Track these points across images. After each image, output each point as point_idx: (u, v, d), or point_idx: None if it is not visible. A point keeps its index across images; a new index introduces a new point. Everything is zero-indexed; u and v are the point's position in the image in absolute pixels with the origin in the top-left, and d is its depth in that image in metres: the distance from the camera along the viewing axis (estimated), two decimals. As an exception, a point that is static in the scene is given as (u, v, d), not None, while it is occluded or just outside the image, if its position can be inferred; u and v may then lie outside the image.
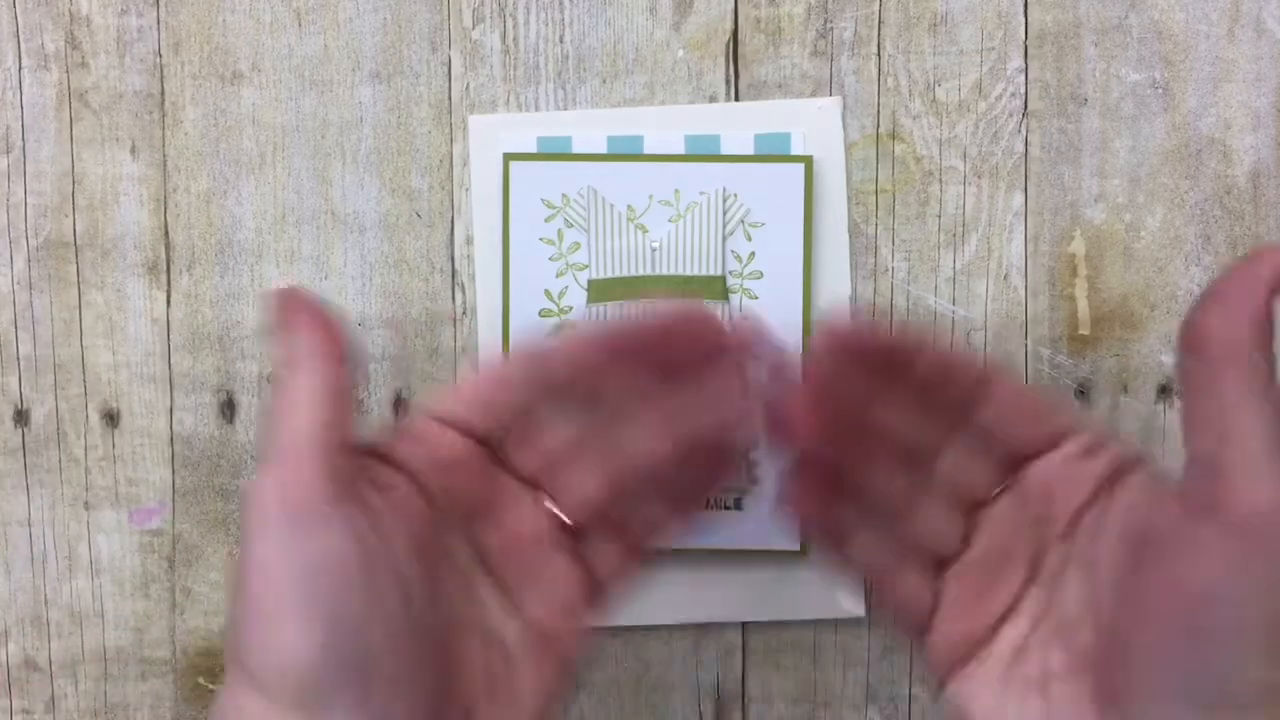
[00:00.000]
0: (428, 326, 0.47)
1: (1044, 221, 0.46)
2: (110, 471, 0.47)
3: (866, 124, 0.46)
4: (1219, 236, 0.46)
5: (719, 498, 0.46)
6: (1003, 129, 0.46)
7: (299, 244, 0.47)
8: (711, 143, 0.46)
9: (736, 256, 0.46)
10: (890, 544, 0.34)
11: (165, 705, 0.47)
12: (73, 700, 0.47)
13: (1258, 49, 0.45)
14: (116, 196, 0.47)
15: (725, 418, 0.34)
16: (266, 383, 0.47)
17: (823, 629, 0.47)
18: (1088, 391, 0.46)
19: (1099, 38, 0.46)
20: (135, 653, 0.47)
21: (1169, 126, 0.46)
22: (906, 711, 0.47)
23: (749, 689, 0.47)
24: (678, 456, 0.33)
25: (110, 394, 0.47)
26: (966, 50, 0.46)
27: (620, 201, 0.45)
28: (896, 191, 0.46)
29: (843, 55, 0.46)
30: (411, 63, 0.46)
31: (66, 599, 0.47)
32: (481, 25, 0.46)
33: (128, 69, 0.46)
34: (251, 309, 0.47)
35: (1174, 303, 0.46)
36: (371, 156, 0.46)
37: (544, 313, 0.46)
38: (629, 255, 0.45)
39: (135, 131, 0.46)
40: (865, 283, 0.46)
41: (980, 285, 0.46)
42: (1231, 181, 0.46)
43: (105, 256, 0.47)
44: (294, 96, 0.46)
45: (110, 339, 0.47)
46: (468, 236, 0.46)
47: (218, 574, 0.47)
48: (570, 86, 0.46)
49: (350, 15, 0.46)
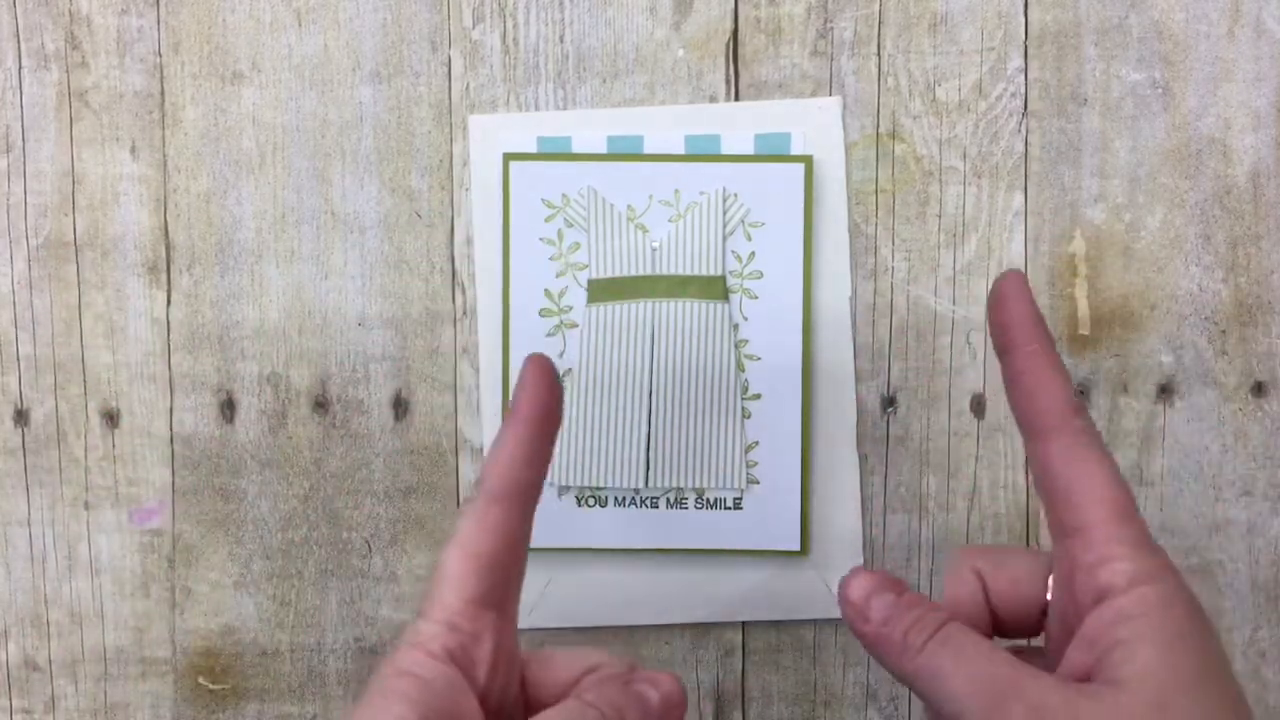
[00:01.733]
0: (428, 326, 0.47)
1: (1044, 221, 0.46)
2: (110, 471, 0.47)
3: (866, 124, 0.46)
4: (1219, 236, 0.46)
5: (719, 498, 0.46)
6: (1003, 129, 0.46)
7: (299, 244, 0.47)
8: (711, 143, 0.46)
9: (736, 256, 0.46)
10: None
11: (165, 705, 0.47)
12: (73, 700, 0.47)
13: (1258, 49, 0.45)
14: (116, 196, 0.47)
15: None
16: (266, 383, 0.47)
17: (823, 629, 0.47)
18: (1088, 391, 0.46)
19: (1099, 38, 0.46)
20: (135, 653, 0.47)
21: (1169, 126, 0.46)
22: (906, 712, 0.47)
23: (749, 689, 0.47)
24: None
25: (110, 394, 0.47)
26: (966, 50, 0.46)
27: (620, 201, 0.45)
28: (896, 191, 0.46)
29: (843, 55, 0.46)
30: (411, 63, 0.46)
31: (66, 599, 0.47)
32: (481, 25, 0.46)
33: (128, 69, 0.46)
34: (251, 309, 0.47)
35: (1174, 303, 0.46)
36: (371, 156, 0.46)
37: (544, 312, 0.46)
38: (629, 255, 0.45)
39: (135, 131, 0.46)
40: (865, 283, 0.46)
41: (980, 285, 0.46)
42: (1231, 181, 0.46)
43: (105, 256, 0.47)
44: (294, 96, 0.46)
45: (110, 339, 0.47)
46: (468, 236, 0.46)
47: (218, 574, 0.47)
48: (570, 86, 0.46)
49: (350, 15, 0.46)
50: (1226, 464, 0.46)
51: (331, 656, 0.47)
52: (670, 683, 0.33)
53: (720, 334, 0.45)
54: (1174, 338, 0.46)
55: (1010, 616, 0.34)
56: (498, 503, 0.32)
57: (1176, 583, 0.30)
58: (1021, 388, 0.33)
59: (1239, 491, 0.46)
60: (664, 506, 0.46)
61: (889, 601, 0.33)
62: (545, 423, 0.33)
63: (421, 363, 0.47)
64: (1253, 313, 0.46)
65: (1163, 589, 0.30)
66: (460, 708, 0.31)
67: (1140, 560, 0.30)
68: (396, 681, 0.30)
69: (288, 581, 0.47)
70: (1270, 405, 0.46)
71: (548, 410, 0.34)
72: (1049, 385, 0.33)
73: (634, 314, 0.45)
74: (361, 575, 0.47)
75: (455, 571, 0.32)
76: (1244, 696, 0.30)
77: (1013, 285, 0.34)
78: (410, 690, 0.30)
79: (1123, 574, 0.30)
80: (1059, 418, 0.32)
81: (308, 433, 0.47)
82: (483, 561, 0.32)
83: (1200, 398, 0.46)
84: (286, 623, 0.47)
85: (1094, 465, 0.31)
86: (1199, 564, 0.46)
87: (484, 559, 0.32)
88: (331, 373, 0.47)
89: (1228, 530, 0.46)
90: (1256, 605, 0.46)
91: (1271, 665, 0.46)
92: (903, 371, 0.46)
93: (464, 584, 0.31)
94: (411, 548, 0.47)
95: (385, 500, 0.47)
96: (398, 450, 0.47)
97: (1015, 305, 0.34)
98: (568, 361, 0.46)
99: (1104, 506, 0.31)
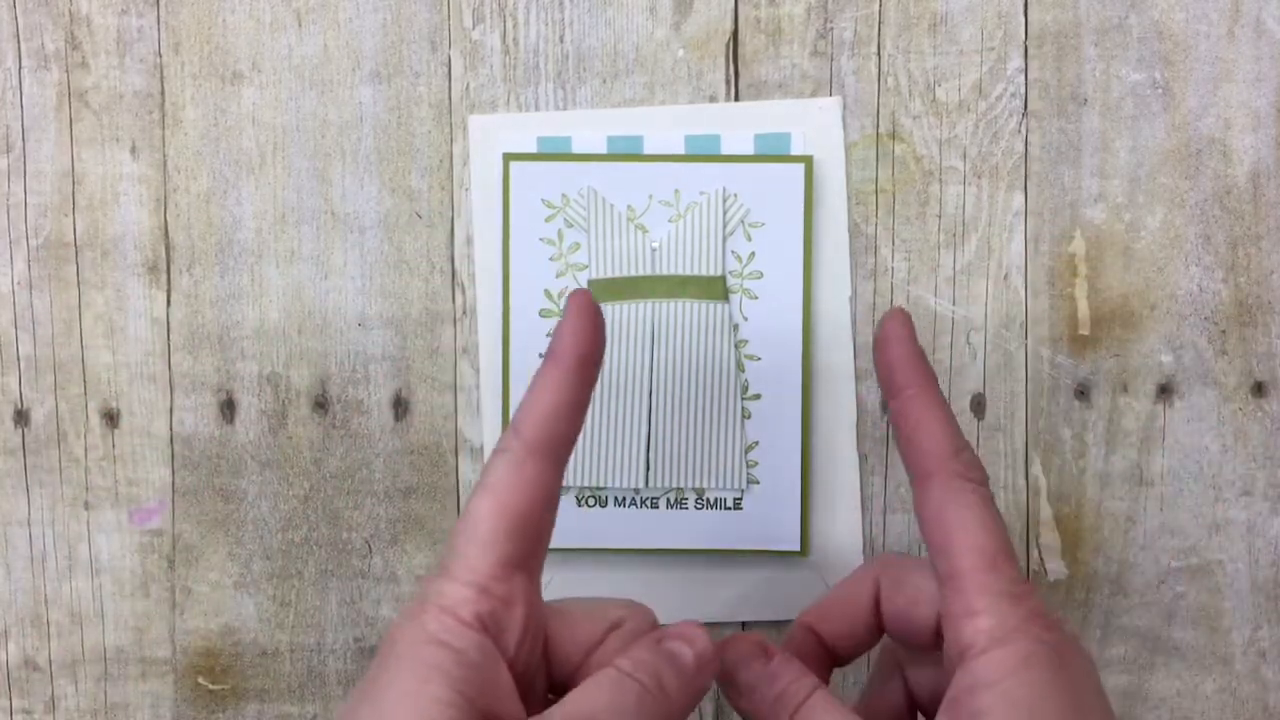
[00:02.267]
0: (428, 326, 0.47)
1: (1044, 221, 0.46)
2: (110, 471, 0.47)
3: (866, 124, 0.46)
4: (1219, 236, 0.46)
5: (719, 498, 0.46)
6: (1003, 129, 0.46)
7: (299, 244, 0.47)
8: (711, 143, 0.46)
9: (736, 256, 0.46)
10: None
11: (165, 705, 0.47)
12: (73, 700, 0.47)
13: (1258, 49, 0.45)
14: (116, 196, 0.47)
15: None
16: (266, 383, 0.47)
17: (823, 629, 0.47)
18: (1087, 391, 0.46)
19: (1099, 38, 0.46)
20: (135, 653, 0.47)
21: (1169, 126, 0.46)
22: (906, 711, 0.47)
23: (749, 689, 0.47)
24: None
25: (110, 394, 0.47)
26: (966, 50, 0.46)
27: (620, 201, 0.45)
28: (896, 191, 0.46)
29: (843, 55, 0.46)
30: (411, 63, 0.46)
31: (66, 599, 0.47)
32: (481, 25, 0.46)
33: (128, 69, 0.46)
34: (251, 309, 0.47)
35: (1174, 303, 0.46)
36: (371, 156, 0.46)
37: (544, 313, 0.46)
38: (629, 255, 0.45)
39: (135, 131, 0.46)
40: (865, 283, 0.46)
41: (980, 285, 0.46)
42: (1231, 181, 0.46)
43: (105, 256, 0.47)
44: (294, 96, 0.46)
45: (110, 339, 0.47)
46: (468, 236, 0.46)
47: (218, 574, 0.47)
48: (570, 86, 0.46)
49: (350, 15, 0.46)
50: (1226, 464, 0.46)
51: (331, 657, 0.47)
52: (703, 639, 0.32)
53: (720, 334, 0.45)
54: (1174, 338, 0.46)
55: (901, 634, 0.34)
56: (535, 455, 0.30)
57: (1037, 636, 0.30)
58: (902, 431, 0.33)
59: (1239, 491, 0.46)
60: (664, 506, 0.46)
61: (755, 673, 0.32)
62: (588, 367, 0.31)
63: (421, 363, 0.47)
64: (1253, 313, 0.46)
65: (1019, 649, 0.29)
66: (496, 681, 0.29)
67: (1001, 614, 0.30)
68: (428, 651, 0.28)
69: (288, 582, 0.47)
70: (1270, 405, 0.46)
71: (592, 352, 0.31)
72: (928, 427, 0.32)
73: (634, 314, 0.45)
74: (362, 575, 0.47)
75: (488, 529, 0.29)
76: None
77: (893, 327, 0.34)
78: (445, 663, 0.28)
79: (983, 632, 0.30)
80: (937, 460, 0.32)
81: (308, 433, 0.47)
82: (517, 520, 0.29)
83: (1200, 398, 0.46)
84: (286, 623, 0.47)
85: (966, 510, 0.31)
86: (1199, 564, 0.46)
87: (518, 517, 0.30)
88: (331, 373, 0.47)
89: (1228, 530, 0.46)
90: (1256, 605, 0.46)
91: (1271, 665, 0.46)
92: (903, 371, 0.46)
93: (496, 544, 0.29)
94: (412, 548, 0.47)
95: (385, 500, 0.47)
96: (398, 450, 0.47)
97: (895, 348, 0.33)
98: (568, 361, 0.46)
99: (972, 554, 0.30)
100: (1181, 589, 0.46)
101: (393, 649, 0.29)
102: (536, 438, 0.30)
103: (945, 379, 0.46)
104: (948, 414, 0.33)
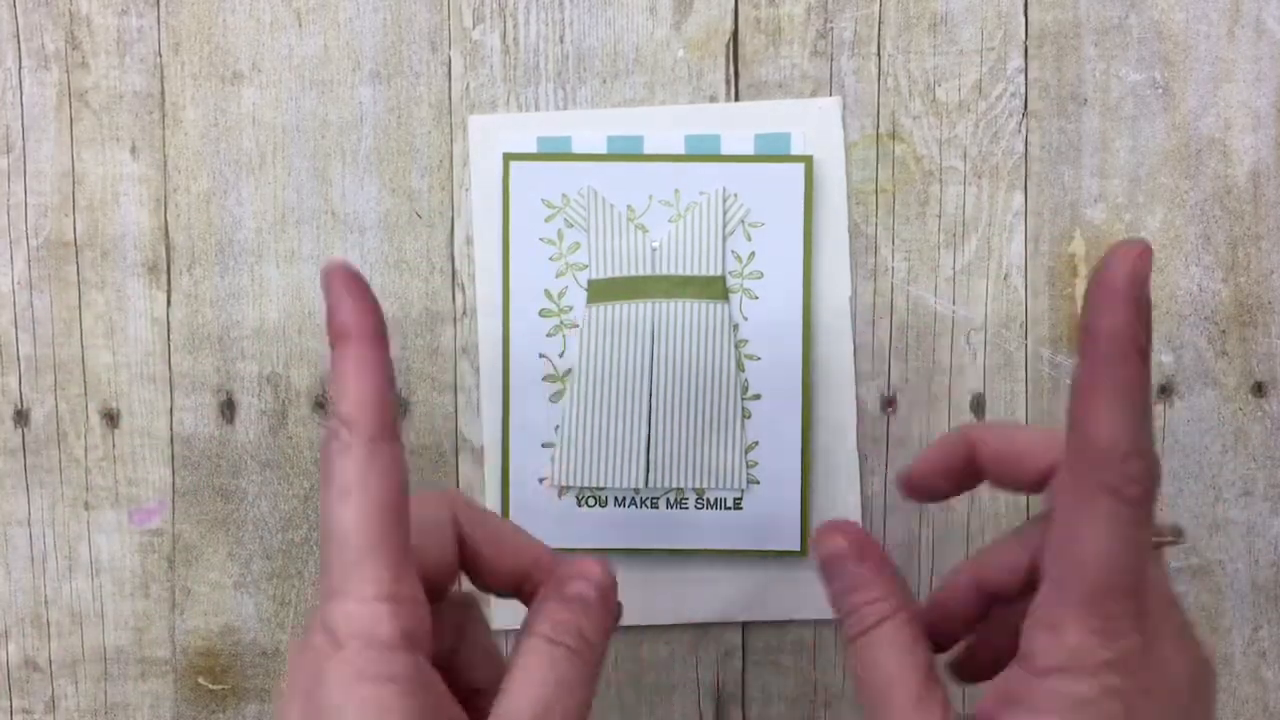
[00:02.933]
0: (428, 326, 0.47)
1: (1044, 221, 0.46)
2: (110, 471, 0.47)
3: (866, 124, 0.46)
4: (1219, 236, 0.46)
5: (719, 498, 0.46)
6: (1003, 129, 0.46)
7: (299, 244, 0.47)
8: (711, 143, 0.46)
9: (736, 256, 0.46)
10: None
11: (165, 705, 0.47)
12: (73, 700, 0.47)
13: (1258, 49, 0.45)
14: (116, 196, 0.47)
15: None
16: (266, 383, 0.47)
17: (823, 629, 0.47)
18: (1088, 391, 0.46)
19: (1099, 38, 0.46)
20: (135, 653, 0.47)
21: (1169, 126, 0.46)
22: (906, 711, 0.47)
23: (749, 689, 0.47)
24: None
25: (110, 394, 0.47)
26: (966, 50, 0.46)
27: (620, 201, 0.46)
28: (896, 191, 0.46)
29: (843, 55, 0.46)
30: (411, 63, 0.46)
31: (66, 599, 0.47)
32: (481, 25, 0.46)
33: (128, 69, 0.46)
34: (251, 309, 0.47)
35: (1174, 303, 0.46)
36: (371, 156, 0.46)
37: (544, 313, 0.46)
38: (629, 255, 0.46)
39: (135, 131, 0.46)
40: (865, 283, 0.46)
41: (980, 285, 0.46)
42: (1231, 181, 0.46)
43: (105, 256, 0.47)
44: (294, 96, 0.46)
45: (110, 339, 0.47)
46: (468, 236, 0.46)
47: (218, 574, 0.47)
48: (570, 86, 0.46)
49: (350, 15, 0.46)
50: (1226, 464, 0.46)
51: (331, 656, 0.47)
52: (597, 570, 0.31)
53: (720, 334, 0.45)
54: (1174, 338, 0.46)
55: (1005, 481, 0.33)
56: (379, 441, 0.28)
57: (1104, 684, 0.27)
58: (1074, 412, 0.28)
59: (1239, 491, 0.46)
60: (664, 506, 0.46)
61: (844, 573, 0.32)
62: (382, 335, 0.29)
63: (421, 363, 0.47)
64: (1253, 313, 0.46)
65: (1077, 692, 0.27)
66: (440, 693, 0.27)
67: (1078, 651, 0.27)
68: (369, 692, 0.26)
69: (288, 581, 0.47)
70: (1270, 405, 0.46)
71: (379, 320, 0.29)
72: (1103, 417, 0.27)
73: (634, 314, 0.45)
74: (361, 575, 0.47)
75: (369, 534, 0.27)
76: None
77: (1119, 278, 0.26)
78: (389, 700, 0.26)
79: (1052, 654, 0.27)
80: (1093, 463, 0.27)
81: (308, 433, 0.47)
82: (390, 513, 0.27)
83: (1200, 398, 0.46)
84: (286, 623, 0.47)
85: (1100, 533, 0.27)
86: (1199, 564, 0.46)
87: (391, 509, 0.27)
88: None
89: (1228, 530, 0.46)
90: (1256, 605, 0.46)
91: (1271, 665, 0.46)
92: (903, 371, 0.46)
93: (383, 545, 0.27)
94: (411, 548, 0.47)
95: (385, 500, 0.47)
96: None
97: (1106, 316, 0.26)
98: (568, 362, 0.46)
99: (1082, 582, 0.27)
100: (1181, 589, 0.46)
101: (326, 698, 0.26)
102: (372, 423, 0.28)
103: (945, 379, 0.46)
104: (1135, 405, 0.27)
